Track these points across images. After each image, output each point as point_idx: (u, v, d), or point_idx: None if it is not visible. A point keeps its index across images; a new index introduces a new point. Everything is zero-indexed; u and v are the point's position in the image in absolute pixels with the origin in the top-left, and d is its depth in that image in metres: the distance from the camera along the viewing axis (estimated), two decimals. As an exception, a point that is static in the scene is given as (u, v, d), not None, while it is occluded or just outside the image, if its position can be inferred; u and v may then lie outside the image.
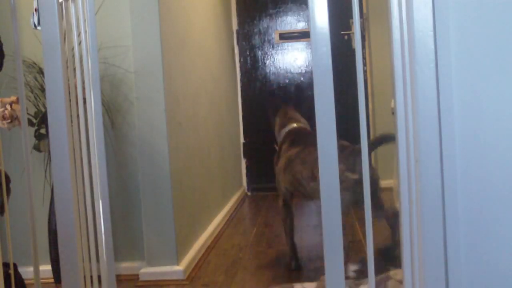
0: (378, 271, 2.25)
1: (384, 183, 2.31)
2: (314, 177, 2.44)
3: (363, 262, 2.64)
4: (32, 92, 2.74)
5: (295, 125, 2.90)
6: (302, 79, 5.18)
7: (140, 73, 2.77)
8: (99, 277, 1.64)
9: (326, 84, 1.38)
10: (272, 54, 5.21)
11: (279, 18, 5.19)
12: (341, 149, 2.38)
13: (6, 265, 1.95)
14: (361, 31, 3.54)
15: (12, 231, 1.93)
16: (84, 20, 1.61)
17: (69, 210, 1.54)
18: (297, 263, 2.80)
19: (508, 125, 1.32)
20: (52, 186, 1.76)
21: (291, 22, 5.18)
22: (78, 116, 1.66)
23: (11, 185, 2.12)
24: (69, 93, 1.58)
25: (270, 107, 3.12)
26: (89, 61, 1.58)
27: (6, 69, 2.19)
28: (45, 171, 2.79)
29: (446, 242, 1.35)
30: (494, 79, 1.32)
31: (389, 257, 2.45)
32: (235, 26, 5.21)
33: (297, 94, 4.98)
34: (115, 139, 2.86)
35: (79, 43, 1.66)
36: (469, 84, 1.32)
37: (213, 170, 3.93)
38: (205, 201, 3.59)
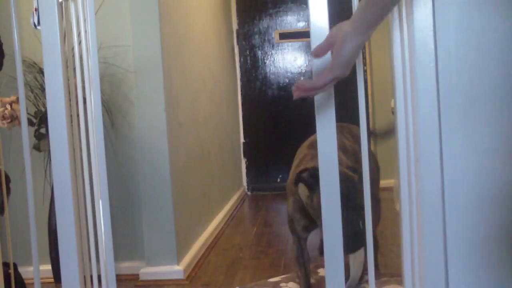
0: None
1: (384, 183, 2.30)
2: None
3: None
4: (32, 92, 2.74)
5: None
6: (302, 78, 5.18)
7: (140, 73, 2.77)
8: (99, 277, 1.64)
9: (326, 84, 1.38)
10: (272, 54, 5.21)
11: (279, 18, 5.19)
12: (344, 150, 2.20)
13: (6, 265, 1.95)
14: (361, 31, 3.53)
15: (12, 231, 1.93)
16: (84, 20, 1.61)
17: (69, 210, 1.54)
18: None
19: (508, 124, 1.32)
20: (52, 186, 1.76)
21: (291, 22, 5.18)
22: (78, 116, 1.66)
23: (11, 185, 2.12)
24: (69, 93, 1.58)
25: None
26: (89, 61, 1.57)
27: (6, 68, 2.19)
28: (45, 171, 2.79)
29: (446, 242, 1.35)
30: (494, 79, 1.32)
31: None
32: (235, 26, 5.21)
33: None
34: (115, 139, 2.86)
35: (79, 43, 1.66)
36: (469, 84, 1.32)
37: (213, 170, 3.93)
38: (205, 201, 3.59)
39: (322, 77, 1.06)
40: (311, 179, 1.92)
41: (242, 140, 5.29)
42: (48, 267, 2.76)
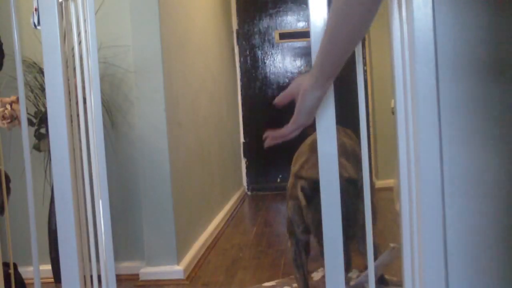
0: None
1: (384, 183, 2.29)
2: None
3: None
4: (32, 92, 2.74)
5: None
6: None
7: (140, 72, 2.77)
8: (99, 277, 1.64)
9: (326, 84, 1.38)
10: (272, 54, 5.21)
11: (279, 18, 5.19)
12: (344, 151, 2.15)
13: (6, 265, 1.95)
14: (361, 31, 3.52)
15: (12, 231, 1.93)
16: (84, 20, 1.61)
17: (69, 210, 1.54)
18: None
19: (507, 123, 1.32)
20: (52, 186, 1.76)
21: (291, 22, 5.18)
22: (78, 116, 1.66)
23: (11, 185, 2.12)
24: (69, 93, 1.58)
25: None
26: (89, 61, 1.57)
27: (6, 68, 2.19)
28: (45, 171, 2.79)
29: (446, 242, 1.35)
30: (494, 79, 1.32)
31: None
32: (235, 26, 5.21)
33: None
34: (115, 139, 2.86)
35: (79, 43, 1.66)
36: (469, 83, 1.32)
37: (213, 170, 3.93)
38: (205, 201, 3.59)
39: (287, 126, 1.20)
40: (309, 191, 1.92)
41: (242, 140, 5.29)
42: (48, 267, 2.76)
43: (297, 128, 1.21)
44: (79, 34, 1.64)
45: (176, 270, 2.78)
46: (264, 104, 5.23)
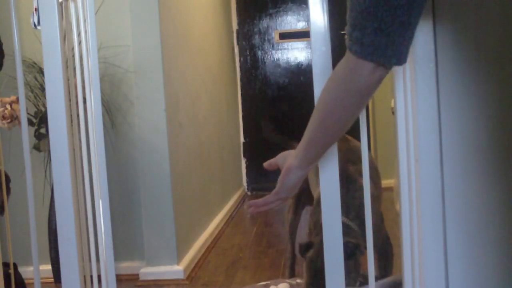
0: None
1: (384, 183, 2.28)
2: None
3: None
4: (32, 92, 2.74)
5: None
6: (302, 78, 5.18)
7: (140, 73, 2.77)
8: (99, 277, 1.64)
9: (326, 84, 1.38)
10: (272, 54, 5.21)
11: (279, 18, 5.18)
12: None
13: (6, 265, 1.96)
14: (361, 31, 3.51)
15: (12, 231, 1.93)
16: (84, 20, 1.61)
17: (69, 210, 1.54)
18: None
19: (507, 124, 1.32)
20: (52, 186, 1.76)
21: (291, 21, 5.18)
22: (78, 116, 1.66)
23: (11, 185, 2.12)
24: (69, 93, 1.58)
25: None
26: (89, 61, 1.57)
27: (6, 68, 2.19)
28: (45, 171, 2.79)
29: (446, 242, 1.35)
30: (494, 79, 1.32)
31: None
32: (235, 26, 5.21)
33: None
34: (115, 139, 2.86)
35: (79, 43, 1.66)
36: (469, 84, 1.32)
37: (213, 170, 3.93)
38: (205, 201, 3.59)
39: (270, 197, 1.26)
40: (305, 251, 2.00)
41: (242, 140, 5.29)
42: (48, 267, 2.75)
43: (278, 200, 1.27)
44: (79, 34, 1.64)
45: (176, 270, 2.78)
46: (264, 104, 5.23)
